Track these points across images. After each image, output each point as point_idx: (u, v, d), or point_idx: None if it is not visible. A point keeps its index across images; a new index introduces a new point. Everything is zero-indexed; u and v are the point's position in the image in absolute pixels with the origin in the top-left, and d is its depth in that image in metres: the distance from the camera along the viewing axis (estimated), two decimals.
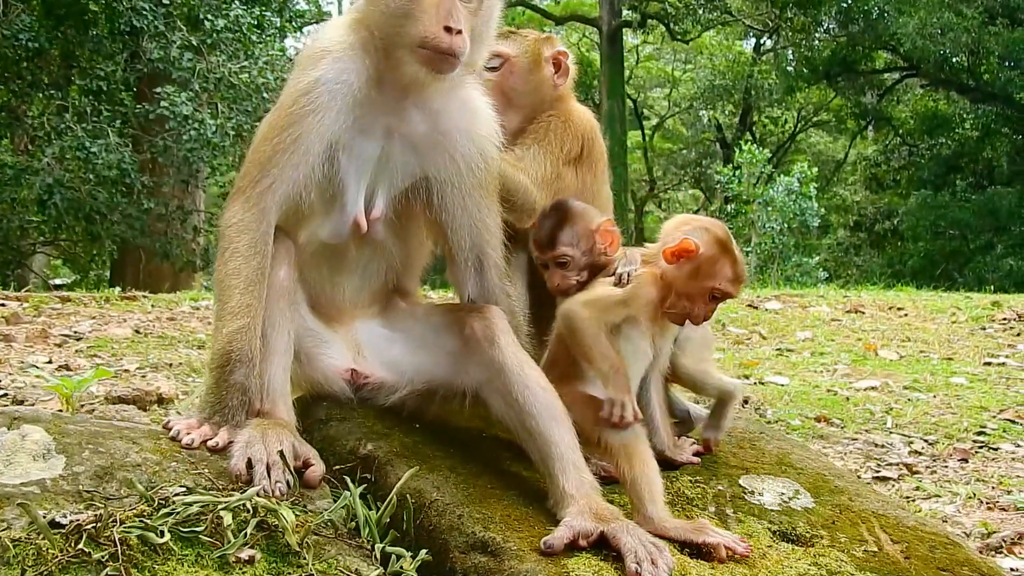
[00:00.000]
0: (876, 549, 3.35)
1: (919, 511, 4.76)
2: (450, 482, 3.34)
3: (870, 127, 39.89)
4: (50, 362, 7.74)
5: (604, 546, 3.08)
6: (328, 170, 3.53)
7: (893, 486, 5.40)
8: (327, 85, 3.50)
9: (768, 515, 3.45)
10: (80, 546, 2.58)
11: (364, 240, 3.69)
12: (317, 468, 3.23)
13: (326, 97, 3.48)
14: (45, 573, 2.51)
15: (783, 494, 3.60)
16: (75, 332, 9.36)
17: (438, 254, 4.03)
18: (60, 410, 5.01)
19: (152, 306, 11.20)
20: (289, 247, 3.54)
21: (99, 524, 2.64)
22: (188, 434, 3.21)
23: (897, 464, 5.85)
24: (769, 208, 24.99)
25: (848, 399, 7.51)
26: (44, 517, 2.62)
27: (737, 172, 26.48)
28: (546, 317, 4.09)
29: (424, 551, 2.97)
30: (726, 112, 38.99)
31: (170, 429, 3.27)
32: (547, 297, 3.97)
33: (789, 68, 36.50)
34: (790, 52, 36.81)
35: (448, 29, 3.37)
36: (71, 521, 2.64)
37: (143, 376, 7.46)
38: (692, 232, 3.44)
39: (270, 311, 3.42)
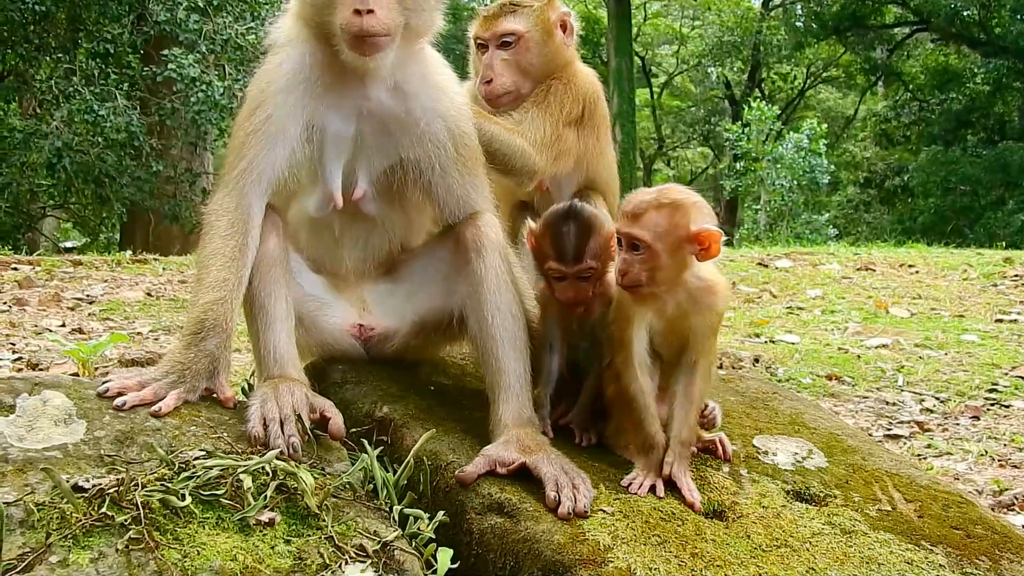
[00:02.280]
0: (890, 508, 3.37)
1: (931, 469, 4.78)
2: (466, 444, 3.37)
3: (880, 83, 39.62)
4: (63, 325, 7.80)
5: (527, 476, 3.17)
6: (309, 150, 3.53)
7: (905, 444, 5.43)
8: (289, 69, 3.53)
9: (782, 475, 3.48)
10: (103, 510, 2.60)
11: (355, 216, 3.71)
12: (337, 419, 3.24)
13: (290, 79, 3.51)
14: (69, 536, 2.52)
15: (797, 454, 3.62)
16: (88, 296, 9.41)
17: None
18: (76, 374, 5.05)
19: (163, 269, 11.25)
20: (276, 220, 3.54)
21: (121, 488, 2.66)
22: (121, 395, 3.11)
23: (909, 422, 5.87)
24: (778, 165, 24.96)
25: (859, 357, 7.53)
26: (67, 481, 2.64)
27: (746, 129, 26.41)
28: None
29: (441, 513, 2.99)
30: (735, 69, 38.70)
31: (106, 388, 3.16)
32: None
33: (798, 23, 36.20)
34: (799, 7, 36.55)
35: (358, 12, 3.33)
36: (94, 485, 2.66)
37: (156, 339, 7.52)
38: None
39: (264, 281, 3.44)
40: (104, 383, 3.17)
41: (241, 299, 3.39)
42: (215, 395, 3.26)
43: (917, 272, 11.83)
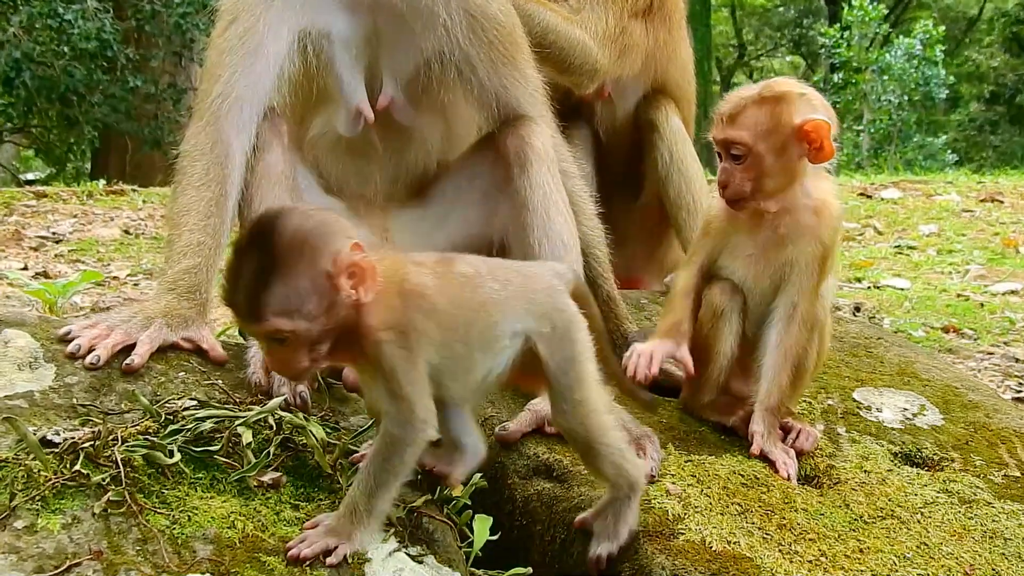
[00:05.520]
0: (1018, 474, 3.36)
1: None
2: (507, 396, 3.38)
3: None
4: (25, 268, 7.86)
5: None
6: (305, 63, 3.53)
7: None
8: None
9: (888, 434, 3.47)
10: (77, 467, 2.61)
11: (388, 128, 3.70)
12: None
13: None
14: (37, 498, 2.53)
15: (906, 410, 3.61)
16: (54, 233, 9.48)
17: None
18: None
19: (143, 202, 11.31)
20: (280, 128, 3.55)
21: (98, 442, 2.67)
22: (92, 350, 3.08)
23: None
24: (885, 77, 24.68)
25: (983, 305, 7.48)
26: (34, 434, 2.65)
27: (846, 34, 26.10)
28: (619, 212, 4.06)
29: (478, 475, 3.00)
30: None
31: (69, 341, 3.13)
32: (618, 183, 3.96)
33: None
34: None
35: None
36: (65, 439, 2.68)
37: (135, 284, 7.57)
38: None
39: (265, 200, 3.43)
40: (70, 339, 3.15)
41: (219, 262, 3.38)
42: (200, 347, 3.27)
43: None
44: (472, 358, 2.64)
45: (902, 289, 8.01)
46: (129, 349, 3.13)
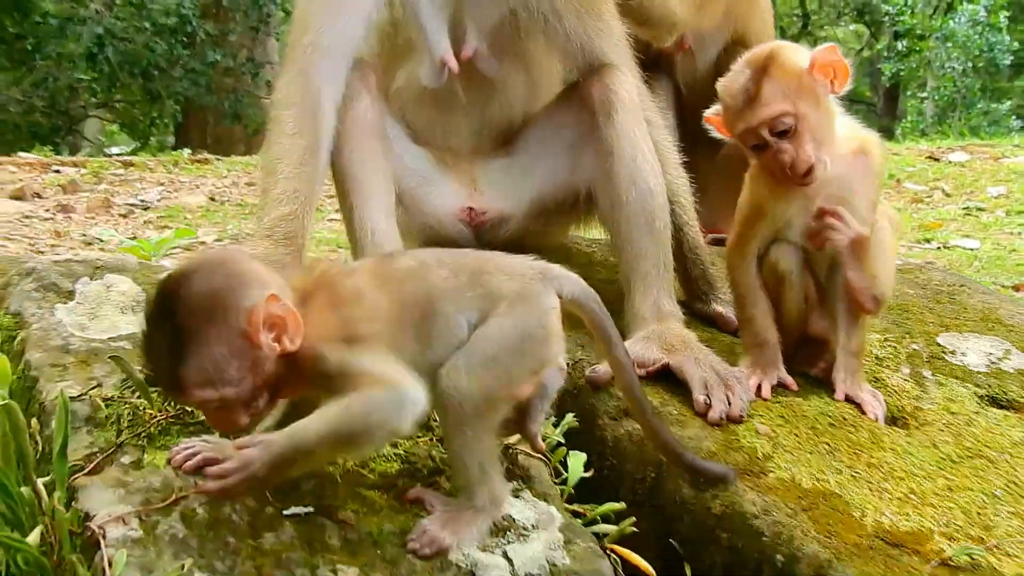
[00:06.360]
0: None
1: None
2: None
3: None
4: (115, 236, 7.91)
5: (670, 378, 3.17)
6: (392, 12, 3.50)
7: None
8: None
9: (974, 377, 3.42)
10: (181, 407, 2.63)
11: (471, 79, 3.66)
12: None
13: None
14: (143, 435, 2.55)
15: (991, 354, 3.55)
16: (142, 201, 9.56)
17: None
18: None
19: (227, 170, 11.39)
20: (369, 77, 3.51)
21: None
22: None
23: None
24: (949, 44, 24.26)
25: None
26: (139, 373, 2.64)
27: (910, 1, 25.66)
28: (702, 163, 4.00)
29: (571, 415, 2.98)
30: None
31: None
32: (700, 134, 3.89)
33: None
34: None
35: None
36: None
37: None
38: None
39: (357, 150, 3.43)
40: None
41: (314, 210, 3.39)
42: None
43: None
44: (429, 352, 2.40)
45: (971, 249, 7.88)
46: None
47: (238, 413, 2.30)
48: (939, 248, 8.02)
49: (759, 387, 3.18)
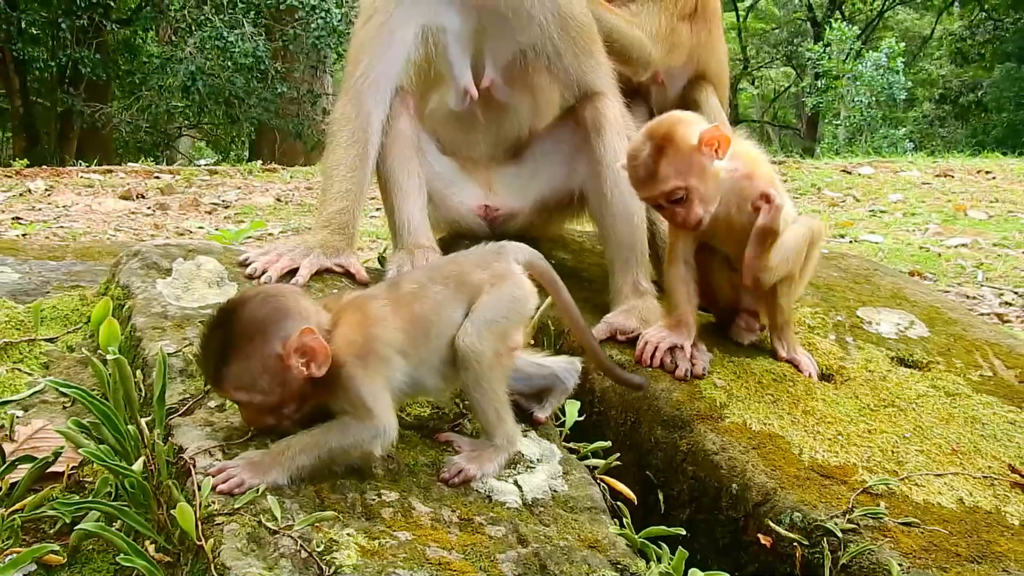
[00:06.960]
0: (991, 373, 3.24)
1: None
2: (586, 312, 3.20)
3: (956, 3, 37.91)
4: (202, 227, 7.89)
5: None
6: (426, 51, 3.45)
7: None
8: None
9: (886, 343, 3.35)
10: None
11: (489, 104, 3.61)
12: None
13: None
14: None
15: (899, 324, 3.48)
16: (223, 200, 9.52)
17: None
18: None
19: (291, 177, 11.35)
20: (408, 102, 3.49)
21: None
22: (265, 272, 3.08)
23: (989, 314, 5.66)
24: (858, 83, 24.21)
25: (940, 255, 7.29)
26: None
27: (827, 49, 25.63)
28: None
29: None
30: None
31: (247, 265, 3.13)
32: None
33: None
34: None
35: None
36: None
37: (287, 239, 7.55)
38: None
39: (398, 158, 3.42)
40: (248, 263, 3.14)
41: (362, 205, 3.40)
42: (349, 271, 3.24)
43: (994, 178, 11.36)
44: (432, 347, 2.41)
45: (877, 243, 7.82)
46: (294, 272, 3.11)
47: (265, 415, 2.34)
48: (851, 242, 7.95)
49: (656, 346, 3.03)
